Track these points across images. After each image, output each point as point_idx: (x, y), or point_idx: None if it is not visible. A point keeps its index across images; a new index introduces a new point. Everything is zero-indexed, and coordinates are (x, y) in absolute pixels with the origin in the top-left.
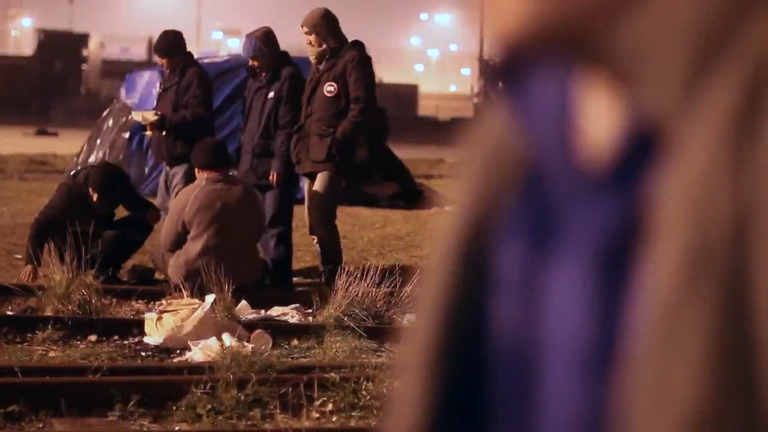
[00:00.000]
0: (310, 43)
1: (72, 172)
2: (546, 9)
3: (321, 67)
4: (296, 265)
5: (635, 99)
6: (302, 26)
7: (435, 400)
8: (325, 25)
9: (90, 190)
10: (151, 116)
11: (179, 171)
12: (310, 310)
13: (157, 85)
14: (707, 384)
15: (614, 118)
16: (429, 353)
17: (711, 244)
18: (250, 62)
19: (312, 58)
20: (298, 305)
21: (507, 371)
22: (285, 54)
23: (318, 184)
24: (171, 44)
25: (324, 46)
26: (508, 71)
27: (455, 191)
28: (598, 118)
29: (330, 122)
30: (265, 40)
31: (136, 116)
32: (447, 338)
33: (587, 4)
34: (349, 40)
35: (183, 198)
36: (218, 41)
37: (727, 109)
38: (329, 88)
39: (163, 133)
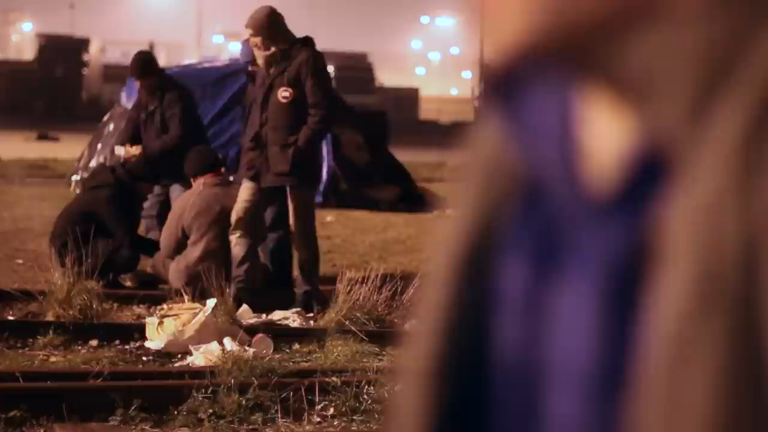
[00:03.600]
0: (257, 45)
1: (112, 170)
2: (548, 22)
3: (272, 71)
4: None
5: (642, 120)
6: (246, 27)
7: (435, 414)
8: (271, 25)
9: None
10: (133, 150)
11: (176, 188)
12: (311, 314)
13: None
14: (718, 409)
15: (620, 140)
16: (429, 366)
17: (720, 268)
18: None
19: (260, 62)
20: (299, 309)
21: (510, 389)
22: None
23: (293, 210)
24: (141, 65)
25: (273, 48)
26: (507, 86)
27: (455, 202)
28: (603, 139)
29: (290, 131)
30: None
31: (119, 151)
32: (448, 352)
33: (591, 18)
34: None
35: (181, 204)
36: (219, 45)
37: (735, 132)
38: (284, 94)
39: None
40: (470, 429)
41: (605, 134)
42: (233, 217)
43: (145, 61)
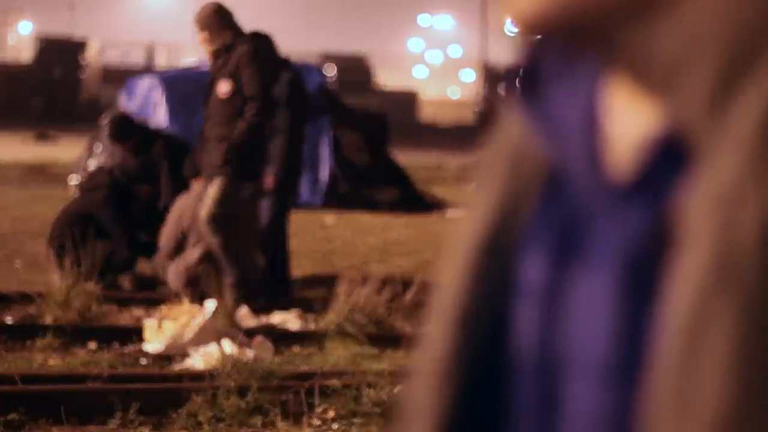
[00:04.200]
0: (204, 41)
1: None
2: (568, 4)
3: (216, 65)
4: (296, 271)
5: (663, 108)
6: (195, 23)
7: (451, 408)
8: (218, 20)
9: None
10: None
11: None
12: (311, 317)
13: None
14: (731, 393)
15: (641, 127)
16: (446, 359)
17: (736, 255)
18: None
19: (208, 57)
20: (299, 312)
21: (528, 379)
22: (285, 60)
23: (211, 189)
24: (120, 130)
25: (218, 43)
26: (530, 75)
27: (475, 196)
28: (625, 126)
29: (227, 125)
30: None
31: None
32: (465, 344)
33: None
34: (249, 32)
35: (180, 206)
36: None
37: (754, 119)
38: (224, 88)
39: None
40: (486, 419)
41: (626, 121)
42: (203, 227)
43: (123, 125)
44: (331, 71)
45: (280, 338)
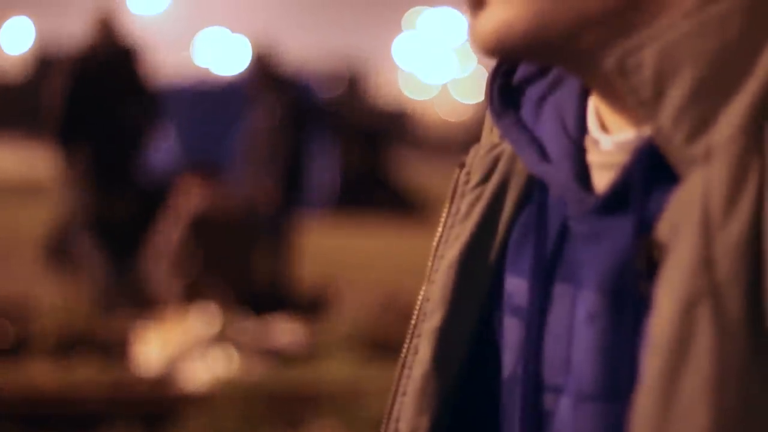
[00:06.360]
0: None
1: None
2: (537, 17)
3: None
4: (296, 281)
5: (644, 121)
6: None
7: (437, 422)
8: (102, 30)
9: None
10: None
11: None
12: (311, 326)
13: None
14: (713, 409)
15: (623, 140)
16: (431, 374)
17: (718, 268)
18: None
19: None
20: (298, 322)
21: (516, 393)
22: (284, 79)
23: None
24: None
25: None
26: (509, 88)
27: (457, 209)
28: (607, 139)
29: None
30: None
31: None
32: (450, 357)
33: (589, 15)
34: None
35: (177, 213)
36: None
37: (734, 135)
38: None
39: None
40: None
41: (608, 135)
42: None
43: None
44: (341, 86)
45: (280, 348)
